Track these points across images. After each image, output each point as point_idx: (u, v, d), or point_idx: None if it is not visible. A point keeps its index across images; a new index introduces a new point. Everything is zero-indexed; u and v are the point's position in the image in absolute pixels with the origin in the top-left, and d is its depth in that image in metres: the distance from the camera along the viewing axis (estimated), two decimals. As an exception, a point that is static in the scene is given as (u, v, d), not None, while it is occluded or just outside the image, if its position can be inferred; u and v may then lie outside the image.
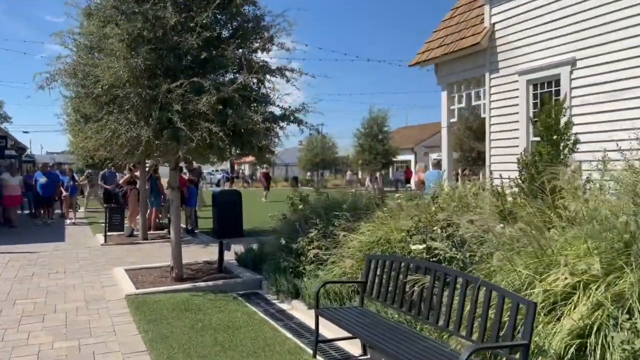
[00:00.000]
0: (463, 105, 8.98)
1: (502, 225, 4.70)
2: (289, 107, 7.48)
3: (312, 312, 5.83)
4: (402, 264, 4.28)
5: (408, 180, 40.04)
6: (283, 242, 6.84)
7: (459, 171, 30.26)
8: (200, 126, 6.46)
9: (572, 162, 5.51)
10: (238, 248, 9.12)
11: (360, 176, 40.42)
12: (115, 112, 6.85)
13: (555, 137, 5.34)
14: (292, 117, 7.51)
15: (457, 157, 29.79)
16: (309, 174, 48.09)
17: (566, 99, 5.37)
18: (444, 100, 9.22)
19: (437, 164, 12.01)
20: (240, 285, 7.20)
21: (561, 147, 5.39)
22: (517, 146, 7.61)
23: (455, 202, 5.79)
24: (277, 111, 7.57)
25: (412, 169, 41.12)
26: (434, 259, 4.66)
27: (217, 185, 48.90)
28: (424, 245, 4.54)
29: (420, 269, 4.08)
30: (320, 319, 4.66)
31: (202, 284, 7.19)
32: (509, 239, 4.21)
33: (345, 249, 6.17)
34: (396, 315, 4.50)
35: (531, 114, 7.47)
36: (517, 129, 7.61)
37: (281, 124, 7.55)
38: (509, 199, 5.70)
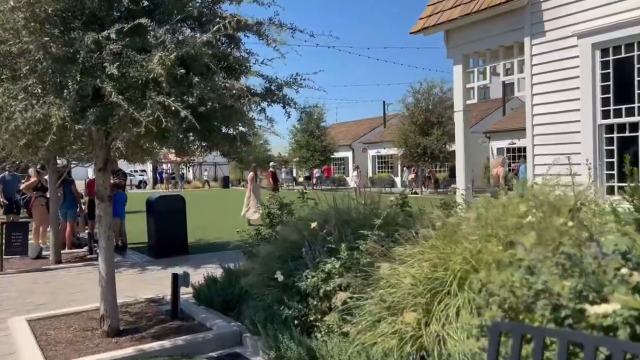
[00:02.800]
0: (487, 81, 7.03)
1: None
2: (276, 77, 5.15)
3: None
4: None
5: (327, 178, 38.11)
6: (280, 277, 4.51)
7: (414, 170, 28.84)
8: (150, 101, 4.04)
9: None
10: (186, 272, 6.70)
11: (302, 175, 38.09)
12: (4, 79, 4.25)
13: None
14: (278, 94, 5.19)
15: (403, 152, 28.43)
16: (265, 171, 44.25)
17: None
18: (457, 76, 7.22)
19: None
20: (211, 343, 4.80)
21: None
22: (578, 132, 5.75)
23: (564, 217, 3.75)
24: (257, 83, 5.25)
25: (349, 166, 39.46)
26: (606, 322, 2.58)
27: (138, 187, 45.04)
28: (630, 315, 2.43)
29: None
30: None
31: (154, 344, 4.71)
32: None
33: (388, 289, 3.98)
34: None
35: (599, 88, 5.62)
36: (577, 110, 5.75)
37: (262, 103, 5.22)
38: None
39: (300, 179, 38.52)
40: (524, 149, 26.18)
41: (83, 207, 11.39)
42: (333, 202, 5.46)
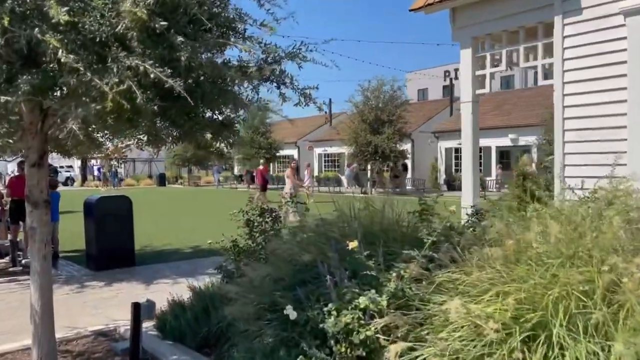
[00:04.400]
0: (502, 67, 6.11)
1: None
2: (276, 46, 3.92)
3: None
4: None
5: (253, 179, 36.61)
6: (293, 314, 3.33)
7: (369, 168, 28.05)
8: (118, 65, 2.77)
9: None
10: (135, 290, 5.37)
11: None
12: None
13: None
14: (275, 69, 3.97)
15: (353, 151, 27.59)
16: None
17: None
18: (466, 62, 6.27)
19: None
20: (192, 401, 3.56)
21: None
22: (624, 127, 4.91)
23: None
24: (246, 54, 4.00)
25: (299, 163, 38.28)
26: None
27: (65, 184, 41.81)
28: None
29: None
30: None
31: (112, 407, 3.41)
32: None
33: (453, 334, 2.91)
34: None
35: (651, 77, 4.81)
36: (624, 101, 4.92)
37: (255, 80, 3.97)
38: None
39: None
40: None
41: (5, 209, 9.61)
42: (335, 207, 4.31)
